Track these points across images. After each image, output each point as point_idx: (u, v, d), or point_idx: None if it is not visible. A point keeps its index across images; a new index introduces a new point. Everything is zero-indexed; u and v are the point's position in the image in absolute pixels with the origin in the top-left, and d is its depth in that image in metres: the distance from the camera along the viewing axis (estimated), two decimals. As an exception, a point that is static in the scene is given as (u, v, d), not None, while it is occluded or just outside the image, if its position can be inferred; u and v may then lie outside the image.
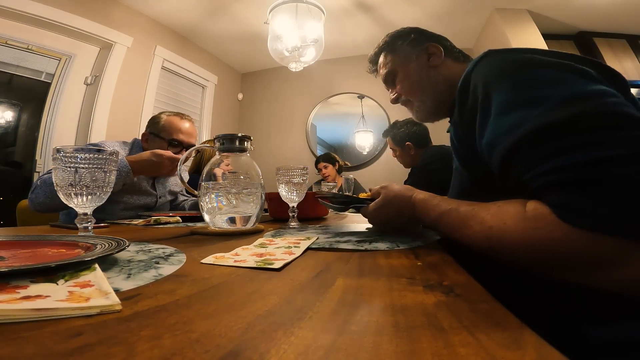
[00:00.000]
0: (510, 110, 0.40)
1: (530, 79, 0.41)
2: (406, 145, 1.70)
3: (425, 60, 0.72)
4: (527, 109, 0.38)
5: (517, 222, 0.35)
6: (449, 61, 0.71)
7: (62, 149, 0.47)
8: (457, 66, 0.71)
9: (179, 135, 1.24)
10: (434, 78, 0.70)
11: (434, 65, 0.71)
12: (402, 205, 0.58)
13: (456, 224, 0.44)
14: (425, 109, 0.73)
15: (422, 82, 0.71)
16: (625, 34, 2.61)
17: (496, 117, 0.42)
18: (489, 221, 0.38)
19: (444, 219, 0.48)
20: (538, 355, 0.16)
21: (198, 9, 2.48)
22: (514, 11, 2.47)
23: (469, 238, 0.42)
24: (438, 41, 0.73)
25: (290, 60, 2.06)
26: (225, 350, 0.16)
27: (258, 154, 3.20)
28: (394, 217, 0.60)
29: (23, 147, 2.01)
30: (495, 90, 0.43)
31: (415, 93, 0.73)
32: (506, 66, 0.45)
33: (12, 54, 1.89)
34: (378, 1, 2.40)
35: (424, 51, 0.72)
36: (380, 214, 0.62)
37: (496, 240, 0.37)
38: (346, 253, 0.45)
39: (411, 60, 0.73)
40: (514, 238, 0.35)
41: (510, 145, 0.38)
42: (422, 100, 0.73)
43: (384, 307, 0.23)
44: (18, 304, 0.20)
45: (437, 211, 0.49)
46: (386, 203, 0.60)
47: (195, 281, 0.30)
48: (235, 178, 0.69)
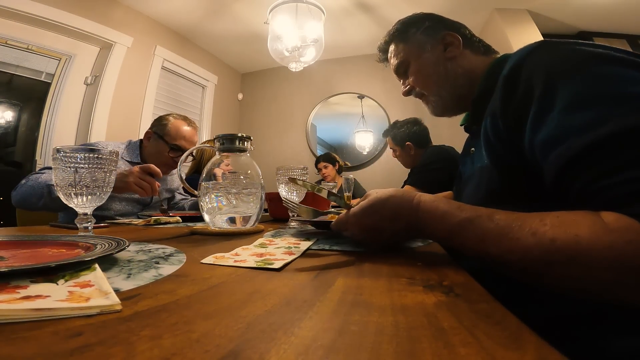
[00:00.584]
0: (583, 106, 0.35)
1: (610, 74, 0.36)
2: (406, 145, 1.70)
3: (441, 50, 0.65)
4: (606, 106, 0.33)
5: (597, 234, 0.29)
6: (467, 52, 0.65)
7: (62, 149, 0.47)
8: (477, 59, 0.65)
9: (181, 141, 1.26)
10: (452, 71, 0.64)
11: (451, 56, 0.64)
12: (399, 207, 0.43)
13: (490, 236, 0.35)
14: (443, 103, 0.68)
15: (439, 75, 0.65)
16: (625, 34, 2.61)
17: (562, 112, 0.36)
18: (547, 233, 0.31)
19: (468, 229, 0.37)
20: (538, 355, 0.16)
21: (198, 9, 2.48)
22: (514, 11, 2.47)
23: (512, 254, 0.33)
24: (456, 29, 0.67)
25: (290, 60, 2.06)
26: (225, 350, 0.16)
27: (258, 154, 3.20)
28: (384, 224, 0.43)
29: (23, 147, 2.01)
30: (564, 81, 0.37)
31: (430, 86, 0.67)
32: (577, 57, 0.39)
33: (12, 54, 1.89)
34: (378, 1, 2.40)
35: (440, 41, 0.66)
36: (363, 222, 0.44)
37: (565, 256, 0.30)
38: (346, 253, 0.45)
39: (425, 50, 0.67)
40: (596, 253, 0.29)
41: (582, 146, 0.33)
42: (438, 94, 0.67)
43: (384, 307, 0.23)
44: (18, 304, 0.20)
45: (457, 217, 0.38)
46: (375, 204, 0.44)
47: (195, 281, 0.30)
48: (235, 178, 0.69)
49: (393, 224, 0.43)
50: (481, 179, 0.52)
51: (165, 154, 1.23)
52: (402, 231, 0.44)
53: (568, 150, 0.34)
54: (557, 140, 0.35)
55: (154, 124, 1.29)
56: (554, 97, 0.37)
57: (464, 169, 0.69)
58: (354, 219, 0.45)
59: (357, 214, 0.45)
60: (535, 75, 0.40)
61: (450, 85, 0.65)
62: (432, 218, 0.41)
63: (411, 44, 0.69)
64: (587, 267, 0.29)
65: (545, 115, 0.38)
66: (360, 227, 0.45)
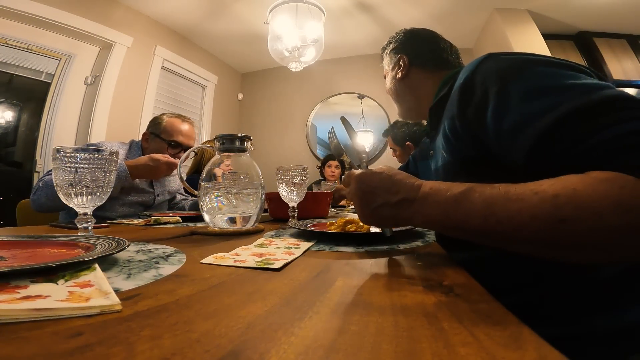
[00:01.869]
0: (539, 95, 0.41)
1: (547, 72, 0.43)
2: (406, 145, 1.70)
3: (396, 70, 0.79)
4: (555, 95, 0.39)
5: (592, 186, 0.30)
6: (414, 70, 0.77)
7: (62, 149, 0.47)
8: (424, 75, 0.76)
9: (178, 137, 1.26)
10: (401, 89, 0.80)
11: (400, 77, 0.78)
12: (400, 182, 0.43)
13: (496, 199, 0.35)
14: (399, 111, 0.85)
15: (394, 91, 0.81)
16: (625, 34, 2.61)
17: (521, 103, 0.42)
18: (549, 190, 0.32)
19: (474, 195, 0.36)
20: (538, 355, 0.16)
21: (198, 9, 2.48)
22: (514, 11, 2.47)
23: (522, 215, 0.33)
24: (416, 47, 0.78)
25: (290, 60, 2.06)
26: (225, 350, 0.16)
27: (258, 154, 3.20)
28: (380, 192, 0.43)
29: (23, 147, 2.01)
30: (513, 80, 0.44)
31: (392, 97, 0.85)
32: (519, 62, 0.46)
33: (12, 54, 1.89)
34: (378, 1, 2.40)
35: (397, 62, 0.79)
36: (363, 181, 0.45)
37: (572, 207, 0.30)
38: (346, 254, 0.45)
39: (390, 68, 0.83)
40: (596, 201, 0.29)
41: (546, 126, 0.38)
42: (396, 104, 0.84)
43: (384, 307, 0.23)
44: (18, 304, 0.20)
45: (461, 187, 0.38)
46: (382, 173, 0.45)
47: (195, 281, 0.30)
48: (235, 178, 0.69)
49: (388, 195, 0.43)
50: (446, 174, 0.59)
51: (165, 152, 1.23)
52: (394, 206, 0.42)
53: (535, 130, 0.39)
54: (523, 124, 0.41)
55: (150, 124, 1.30)
56: (508, 93, 0.44)
57: (422, 171, 0.87)
58: (358, 177, 0.46)
59: (362, 173, 0.46)
60: (489, 78, 0.47)
61: (401, 100, 0.81)
62: (435, 193, 0.40)
63: (386, 59, 0.85)
64: (595, 215, 0.30)
65: (506, 108, 0.43)
66: (358, 187, 0.45)
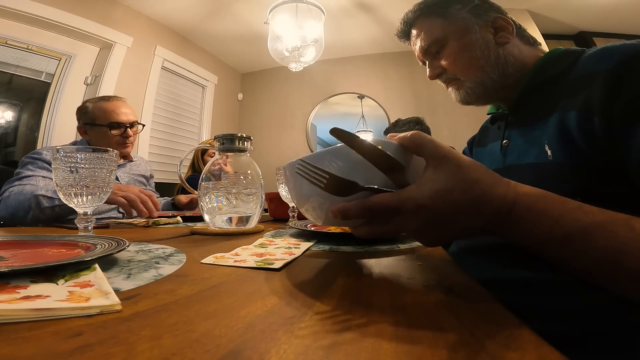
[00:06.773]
0: None
1: None
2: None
3: (491, 34, 0.59)
4: None
5: None
6: (517, 41, 0.60)
7: (62, 149, 0.48)
8: (527, 49, 0.60)
9: (115, 116, 1.17)
10: (503, 58, 0.58)
11: (502, 42, 0.58)
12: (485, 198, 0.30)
13: (629, 247, 0.26)
14: (481, 91, 0.60)
15: (486, 60, 0.58)
16: (625, 34, 2.61)
17: None
18: None
19: (598, 237, 0.28)
20: (538, 355, 0.16)
21: (198, 9, 2.48)
22: (514, 11, 2.47)
23: None
24: (506, 15, 0.61)
25: (290, 60, 2.06)
26: (225, 350, 0.16)
27: (258, 154, 3.20)
28: (458, 218, 0.30)
29: (23, 147, 2.00)
30: None
31: (472, 71, 0.60)
32: None
33: (12, 54, 1.89)
34: (378, 1, 2.40)
35: (489, 23, 0.59)
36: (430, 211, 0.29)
37: None
38: (346, 254, 0.45)
39: (472, 31, 0.59)
40: None
41: None
42: (480, 81, 0.59)
43: (384, 307, 0.23)
44: (18, 304, 0.20)
45: (581, 221, 0.29)
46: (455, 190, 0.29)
47: (195, 281, 0.30)
48: (235, 178, 0.69)
49: (469, 219, 0.30)
50: (545, 178, 0.46)
51: (109, 135, 1.17)
52: (475, 230, 0.31)
53: None
54: None
55: (79, 117, 1.22)
56: None
57: (482, 159, 0.64)
58: (415, 208, 0.29)
59: (429, 200, 0.29)
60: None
61: (498, 73, 0.58)
62: (538, 220, 0.30)
63: (453, 21, 0.61)
64: None
65: None
66: (426, 220, 0.30)
